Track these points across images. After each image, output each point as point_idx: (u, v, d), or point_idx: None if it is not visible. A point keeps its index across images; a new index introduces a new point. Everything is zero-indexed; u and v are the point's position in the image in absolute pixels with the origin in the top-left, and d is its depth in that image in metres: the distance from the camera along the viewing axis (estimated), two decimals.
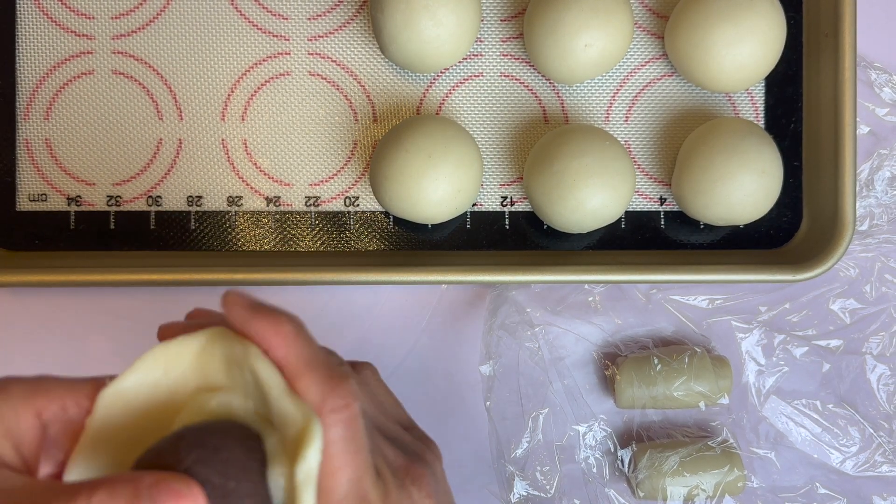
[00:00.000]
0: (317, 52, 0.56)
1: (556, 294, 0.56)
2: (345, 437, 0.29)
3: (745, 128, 0.53)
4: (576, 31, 0.51)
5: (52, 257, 0.55)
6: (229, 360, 0.32)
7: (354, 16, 0.57)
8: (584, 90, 0.57)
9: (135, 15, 0.56)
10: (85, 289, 0.56)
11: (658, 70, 0.57)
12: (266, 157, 0.56)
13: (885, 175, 0.57)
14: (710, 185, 0.52)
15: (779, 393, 0.56)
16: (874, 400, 0.56)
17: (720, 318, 0.56)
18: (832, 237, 0.54)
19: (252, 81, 0.56)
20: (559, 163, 0.51)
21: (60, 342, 0.56)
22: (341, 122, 0.56)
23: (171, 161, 0.56)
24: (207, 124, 0.56)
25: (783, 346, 0.56)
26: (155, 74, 0.56)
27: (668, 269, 0.54)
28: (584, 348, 0.57)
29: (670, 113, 0.57)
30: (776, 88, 0.57)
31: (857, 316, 0.57)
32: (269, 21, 0.56)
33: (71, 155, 0.56)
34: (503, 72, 0.57)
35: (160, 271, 0.54)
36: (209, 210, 0.56)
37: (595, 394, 0.56)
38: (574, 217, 0.52)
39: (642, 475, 0.53)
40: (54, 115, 0.56)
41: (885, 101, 0.57)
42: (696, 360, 0.54)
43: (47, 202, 0.56)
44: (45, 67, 0.56)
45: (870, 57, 0.57)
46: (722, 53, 0.52)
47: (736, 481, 0.53)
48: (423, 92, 0.56)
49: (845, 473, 0.56)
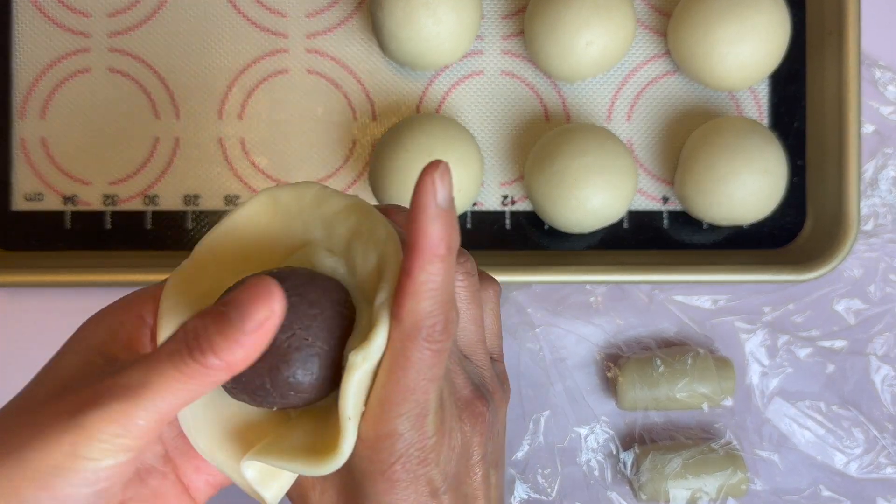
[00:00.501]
0: (315, 49, 0.56)
1: (557, 294, 0.56)
2: (429, 364, 0.29)
3: (749, 127, 0.53)
4: (577, 29, 0.51)
5: (47, 257, 0.55)
6: (354, 233, 0.31)
7: (353, 13, 0.56)
8: (586, 88, 0.56)
9: (131, 13, 0.56)
10: (81, 289, 0.56)
11: (660, 68, 0.56)
12: (264, 155, 0.56)
13: (889, 174, 0.57)
14: (713, 184, 0.52)
15: (782, 394, 0.56)
16: (878, 401, 0.56)
17: (723, 318, 0.56)
18: (836, 237, 0.54)
19: (250, 79, 0.56)
20: (560, 162, 0.51)
21: (56, 343, 0.56)
22: (340, 120, 0.56)
23: (168, 160, 0.56)
24: (205, 123, 0.56)
25: (787, 347, 0.56)
26: (152, 72, 0.56)
27: (671, 270, 0.54)
28: (585, 349, 0.56)
29: (673, 111, 0.56)
30: (780, 87, 0.56)
31: (861, 316, 0.57)
32: (267, 18, 0.56)
33: (67, 154, 0.55)
34: (504, 70, 0.56)
35: (157, 271, 0.53)
36: (206, 209, 0.56)
37: (597, 395, 0.56)
38: (575, 216, 0.52)
39: (644, 478, 0.53)
40: (50, 113, 0.55)
41: (889, 99, 0.57)
42: (698, 361, 0.54)
43: (43, 201, 0.55)
44: (41, 65, 0.56)
45: (874, 55, 0.57)
46: (725, 51, 0.52)
47: (739, 484, 0.53)
48: (423, 90, 0.56)
49: (849, 475, 0.56)
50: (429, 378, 0.29)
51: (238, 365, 0.27)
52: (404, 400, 0.29)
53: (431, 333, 0.28)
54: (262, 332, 0.26)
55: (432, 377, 0.29)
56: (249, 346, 0.26)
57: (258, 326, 0.26)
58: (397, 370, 0.29)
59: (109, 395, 0.27)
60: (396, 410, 0.29)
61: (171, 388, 0.27)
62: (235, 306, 0.26)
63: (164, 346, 0.28)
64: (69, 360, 0.31)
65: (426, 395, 0.29)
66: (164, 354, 0.27)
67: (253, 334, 0.26)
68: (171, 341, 0.28)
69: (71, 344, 0.32)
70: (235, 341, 0.26)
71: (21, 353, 0.56)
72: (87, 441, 0.27)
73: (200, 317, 0.27)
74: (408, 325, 0.28)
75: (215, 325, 0.27)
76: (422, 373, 0.29)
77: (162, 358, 0.27)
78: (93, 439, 0.27)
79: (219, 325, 0.26)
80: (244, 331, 0.26)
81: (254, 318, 0.26)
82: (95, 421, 0.27)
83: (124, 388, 0.27)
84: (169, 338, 0.28)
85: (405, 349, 0.29)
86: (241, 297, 0.26)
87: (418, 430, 0.29)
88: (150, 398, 0.27)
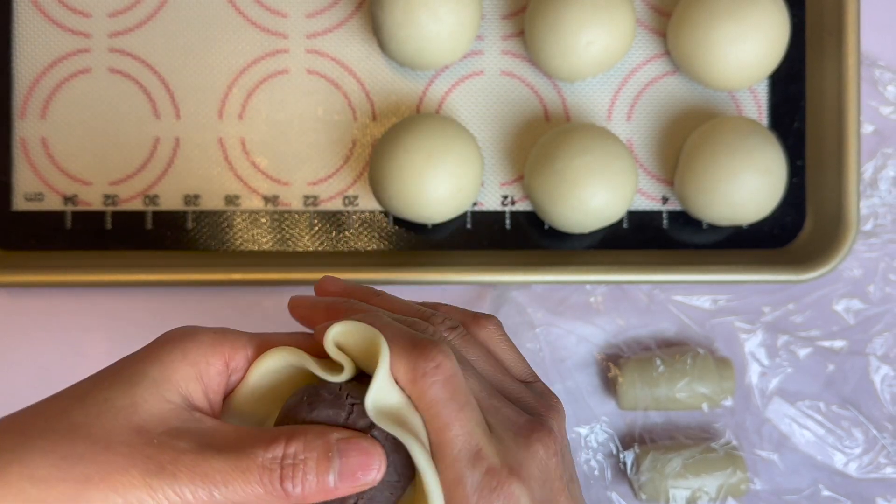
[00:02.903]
0: (315, 49, 0.56)
1: (557, 294, 0.56)
2: (444, 396, 0.29)
3: (749, 126, 0.53)
4: (577, 29, 0.51)
5: (47, 257, 0.55)
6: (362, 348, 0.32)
7: (353, 13, 0.56)
8: (586, 88, 0.56)
9: (132, 13, 0.56)
10: (81, 289, 0.56)
11: (660, 68, 0.56)
12: (264, 155, 0.56)
13: (889, 174, 0.57)
14: (713, 184, 0.52)
15: (782, 394, 0.56)
16: (878, 401, 0.56)
17: (723, 318, 0.56)
18: (836, 237, 0.54)
19: (250, 79, 0.56)
20: (560, 162, 0.51)
21: (56, 343, 0.56)
22: (340, 120, 0.56)
23: (169, 160, 0.56)
24: (205, 123, 0.56)
25: (787, 347, 0.56)
26: (152, 72, 0.56)
27: (671, 270, 0.54)
28: (585, 349, 0.56)
29: (673, 111, 0.56)
30: (780, 87, 0.56)
31: (861, 317, 0.57)
32: (267, 18, 0.56)
33: (67, 154, 0.55)
34: (504, 69, 0.56)
35: (157, 271, 0.53)
36: (206, 209, 0.55)
37: (597, 395, 0.56)
38: (576, 216, 0.52)
39: (645, 478, 0.53)
40: (50, 113, 0.55)
41: (889, 99, 0.57)
42: (699, 361, 0.54)
43: (43, 201, 0.55)
44: (41, 65, 0.56)
45: (874, 55, 0.57)
46: (725, 51, 0.52)
47: (739, 484, 0.53)
48: (422, 90, 0.56)
49: (849, 475, 0.56)
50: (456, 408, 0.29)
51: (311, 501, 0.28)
52: (450, 440, 0.29)
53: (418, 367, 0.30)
54: (351, 489, 0.28)
55: (459, 406, 0.30)
56: (333, 496, 0.28)
57: (353, 487, 0.28)
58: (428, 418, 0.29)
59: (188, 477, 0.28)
60: (450, 454, 0.29)
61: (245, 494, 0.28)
62: (343, 455, 0.28)
63: (259, 452, 0.29)
64: (149, 392, 0.30)
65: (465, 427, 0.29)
66: (256, 465, 0.28)
67: (343, 491, 0.28)
68: (267, 450, 0.29)
69: (153, 371, 0.31)
70: (326, 491, 0.28)
71: (21, 353, 0.56)
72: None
73: (305, 445, 0.29)
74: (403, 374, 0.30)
75: (317, 465, 0.28)
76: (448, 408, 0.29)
77: (252, 468, 0.28)
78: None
79: (320, 467, 0.28)
80: (338, 487, 0.28)
81: (355, 479, 0.28)
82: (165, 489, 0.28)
83: (203, 476, 0.28)
84: (264, 441, 0.29)
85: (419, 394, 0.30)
86: (350, 451, 0.28)
87: (481, 466, 0.29)
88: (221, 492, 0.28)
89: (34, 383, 0.54)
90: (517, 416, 0.32)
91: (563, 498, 0.31)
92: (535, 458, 0.31)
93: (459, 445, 0.29)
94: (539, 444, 0.31)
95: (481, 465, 0.29)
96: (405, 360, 0.30)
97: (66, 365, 0.56)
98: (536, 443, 0.31)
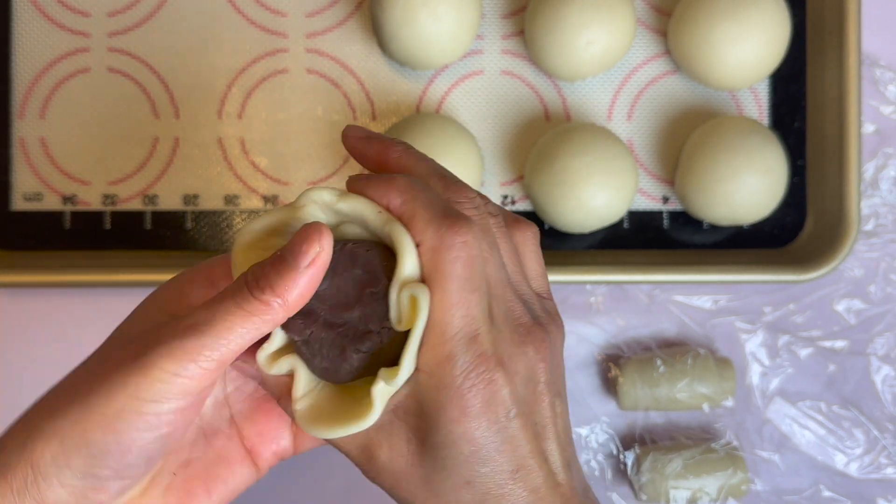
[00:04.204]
0: (315, 49, 0.56)
1: (557, 295, 0.56)
2: (462, 275, 0.30)
3: (749, 126, 0.53)
4: (578, 28, 0.51)
5: (46, 257, 0.55)
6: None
7: (353, 12, 0.56)
8: (586, 88, 0.56)
9: (131, 12, 0.56)
10: (80, 289, 0.56)
11: (661, 67, 0.56)
12: (263, 155, 0.56)
13: (890, 174, 0.57)
14: (713, 184, 0.52)
15: (783, 394, 0.56)
16: (879, 402, 0.56)
17: (724, 318, 0.56)
18: (837, 237, 0.54)
19: (249, 79, 0.56)
20: (561, 161, 0.51)
21: (55, 343, 0.56)
22: (340, 119, 0.56)
23: (168, 160, 0.55)
24: (204, 122, 0.56)
25: (787, 348, 0.56)
26: (151, 72, 0.56)
27: (671, 270, 0.54)
28: (586, 350, 0.56)
29: (673, 111, 0.56)
30: (780, 86, 0.56)
31: (862, 317, 0.57)
32: (267, 18, 0.56)
33: (66, 154, 0.55)
34: (504, 69, 0.56)
35: (156, 271, 0.53)
36: (206, 209, 0.55)
37: (597, 396, 0.56)
38: (576, 216, 0.52)
39: (645, 478, 0.53)
40: (50, 113, 0.55)
41: (890, 99, 0.57)
42: (699, 361, 0.54)
43: (42, 201, 0.55)
44: (40, 65, 0.55)
45: (874, 55, 0.57)
46: (725, 51, 0.52)
47: (740, 484, 0.53)
48: (422, 89, 0.56)
49: (850, 476, 0.56)
50: (468, 290, 0.30)
51: (295, 302, 0.29)
52: (452, 318, 0.30)
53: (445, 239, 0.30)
54: (314, 268, 0.29)
55: (472, 288, 0.30)
56: (303, 283, 0.29)
57: (310, 263, 0.29)
58: (438, 291, 0.30)
59: (172, 334, 0.29)
60: (448, 332, 0.30)
61: (234, 325, 0.29)
62: (290, 248, 0.29)
63: (228, 288, 0.30)
64: (137, 317, 0.33)
65: (470, 310, 0.30)
66: (228, 294, 0.30)
67: (306, 271, 0.29)
68: (234, 283, 0.30)
69: (141, 304, 0.34)
70: (291, 279, 0.29)
71: (21, 353, 0.56)
72: (148, 382, 0.29)
73: (260, 262, 0.30)
74: (429, 241, 0.30)
75: (273, 266, 0.29)
76: (461, 287, 0.30)
77: (225, 297, 0.30)
78: (153, 379, 0.29)
79: (276, 266, 0.29)
80: (298, 268, 0.29)
81: (307, 255, 0.29)
82: (156, 359, 0.29)
83: (187, 327, 0.29)
84: (232, 283, 0.31)
85: (436, 265, 0.30)
86: (294, 240, 0.29)
87: (474, 349, 0.30)
88: (212, 335, 0.29)
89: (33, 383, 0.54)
90: (522, 314, 0.33)
91: (545, 405, 0.32)
92: (525, 356, 0.31)
93: (460, 325, 0.30)
94: (531, 346, 0.32)
95: (474, 349, 0.30)
96: (433, 228, 0.30)
97: (65, 365, 0.56)
98: (529, 344, 0.32)
